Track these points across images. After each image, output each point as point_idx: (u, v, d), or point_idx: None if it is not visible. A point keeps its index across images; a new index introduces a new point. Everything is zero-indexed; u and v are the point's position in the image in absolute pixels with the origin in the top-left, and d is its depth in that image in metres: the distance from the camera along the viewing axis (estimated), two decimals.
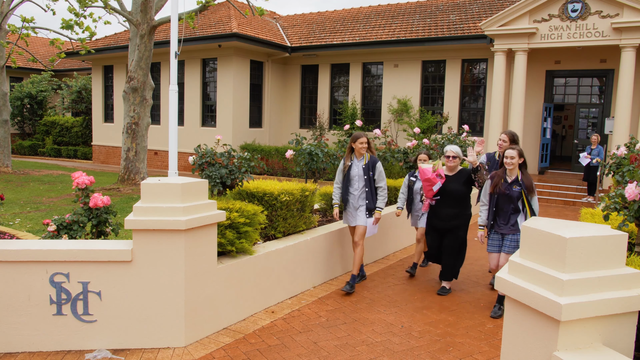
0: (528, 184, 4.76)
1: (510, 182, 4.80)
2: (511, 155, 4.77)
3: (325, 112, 18.15)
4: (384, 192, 5.48)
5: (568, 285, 2.29)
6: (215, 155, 5.54)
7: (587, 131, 16.86)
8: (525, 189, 4.75)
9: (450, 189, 5.39)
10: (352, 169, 5.47)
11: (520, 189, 4.76)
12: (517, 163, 4.74)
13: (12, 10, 15.03)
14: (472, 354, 4.04)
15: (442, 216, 5.44)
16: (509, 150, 4.79)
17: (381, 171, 5.51)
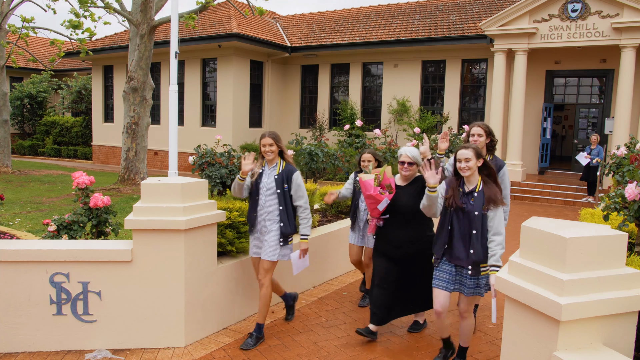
0: (489, 194, 3.45)
1: (467, 192, 3.52)
2: (465, 157, 3.44)
3: (325, 112, 18.15)
4: (306, 214, 4.12)
5: (568, 285, 2.29)
6: (215, 155, 5.55)
7: (587, 131, 16.86)
8: (485, 202, 3.45)
9: (401, 204, 4.02)
10: (261, 179, 4.13)
11: (479, 204, 3.47)
12: (474, 167, 3.49)
13: (12, 10, 15.03)
14: (472, 354, 4.04)
15: (394, 241, 4.06)
16: (462, 151, 3.48)
17: (300, 185, 4.09)
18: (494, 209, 3.46)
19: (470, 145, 3.52)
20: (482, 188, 3.50)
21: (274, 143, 4.07)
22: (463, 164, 3.47)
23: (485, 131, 4.23)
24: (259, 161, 4.16)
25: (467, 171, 3.46)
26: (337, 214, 6.69)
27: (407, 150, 4.09)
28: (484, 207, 3.43)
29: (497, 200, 3.46)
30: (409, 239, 4.04)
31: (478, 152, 3.50)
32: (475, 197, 3.47)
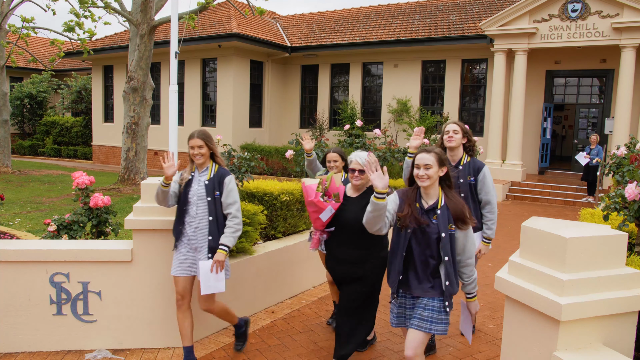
0: (455, 210, 2.80)
1: (427, 209, 2.84)
2: (425, 163, 2.78)
3: (325, 112, 18.15)
4: (234, 223, 3.50)
5: (568, 285, 2.29)
6: None
7: (587, 131, 16.86)
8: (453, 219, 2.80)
9: (349, 217, 3.44)
10: (190, 187, 3.56)
11: (444, 222, 2.79)
12: (435, 176, 2.80)
13: (12, 10, 15.03)
14: (472, 354, 4.04)
15: (341, 259, 3.51)
16: (421, 155, 2.82)
17: (232, 190, 3.54)
18: (464, 229, 2.79)
19: (433, 149, 2.86)
20: (445, 202, 2.82)
21: (204, 144, 3.52)
22: (422, 171, 2.77)
23: (462, 129, 3.87)
24: (189, 166, 3.62)
25: (425, 180, 2.77)
26: None
27: (357, 156, 3.46)
28: (450, 226, 2.77)
29: (466, 218, 2.76)
30: (355, 259, 3.43)
31: (441, 158, 2.82)
32: (439, 214, 2.79)
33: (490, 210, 3.88)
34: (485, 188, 3.84)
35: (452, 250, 2.78)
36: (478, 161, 3.89)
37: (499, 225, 9.63)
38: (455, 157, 3.90)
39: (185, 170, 3.62)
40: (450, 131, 3.86)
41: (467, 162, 3.88)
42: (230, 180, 3.57)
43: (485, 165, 3.88)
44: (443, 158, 2.84)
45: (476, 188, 3.85)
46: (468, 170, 3.86)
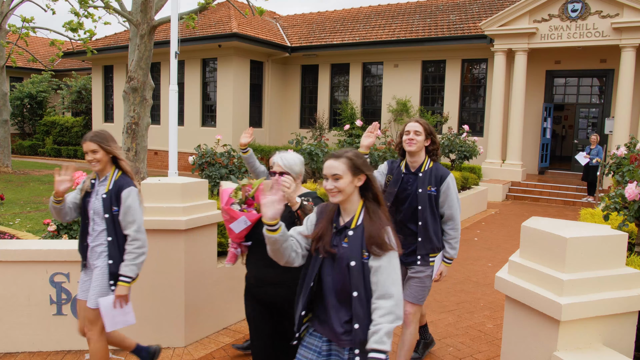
0: (371, 231, 2.14)
1: (340, 228, 2.21)
2: (333, 173, 2.16)
3: (325, 112, 18.15)
4: (134, 247, 2.95)
5: (568, 285, 2.29)
6: (215, 155, 5.55)
7: (587, 131, 16.86)
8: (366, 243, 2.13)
9: None
10: (90, 199, 3.05)
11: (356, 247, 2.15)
12: (349, 188, 2.17)
13: (12, 10, 15.03)
14: (472, 354, 4.04)
15: (256, 278, 2.96)
16: (328, 162, 2.20)
17: (130, 207, 2.95)
18: (380, 257, 2.09)
19: (344, 152, 2.21)
20: (363, 221, 2.18)
21: (99, 148, 2.95)
22: (330, 183, 2.18)
23: (425, 129, 3.29)
24: (91, 173, 3.10)
25: (336, 195, 2.17)
26: None
27: (281, 157, 2.84)
28: (363, 252, 2.12)
29: (383, 242, 2.09)
30: (273, 280, 2.83)
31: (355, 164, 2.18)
32: (351, 236, 2.16)
33: (453, 227, 3.32)
34: (448, 201, 3.26)
35: (366, 283, 2.11)
36: (442, 168, 3.34)
37: (499, 225, 9.63)
38: (416, 162, 3.32)
39: (87, 178, 3.10)
40: (411, 132, 3.26)
41: (429, 169, 3.30)
42: (128, 194, 2.93)
43: (450, 174, 3.30)
44: (358, 163, 2.18)
45: (437, 200, 3.27)
46: (429, 179, 3.27)
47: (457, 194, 3.33)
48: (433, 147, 3.36)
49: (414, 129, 3.28)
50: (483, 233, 8.88)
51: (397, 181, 3.36)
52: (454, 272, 6.34)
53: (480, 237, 8.57)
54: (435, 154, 3.38)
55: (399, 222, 3.33)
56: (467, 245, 7.92)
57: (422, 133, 3.27)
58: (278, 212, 2.08)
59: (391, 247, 2.12)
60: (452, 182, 3.29)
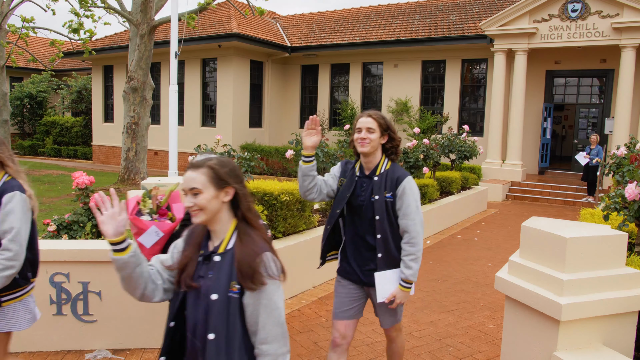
0: (241, 260, 1.73)
1: (206, 255, 1.83)
2: (191, 187, 1.76)
3: (325, 112, 18.15)
4: (4, 257, 2.50)
5: (568, 285, 2.29)
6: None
7: (587, 131, 16.86)
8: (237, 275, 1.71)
9: None
10: None
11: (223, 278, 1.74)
12: (212, 204, 1.77)
13: (12, 10, 15.04)
14: (472, 354, 4.04)
15: None
16: (187, 173, 1.81)
17: (10, 211, 2.56)
18: (254, 291, 1.68)
19: (205, 160, 1.79)
20: (234, 246, 1.76)
21: None
22: (189, 199, 1.77)
23: (380, 124, 2.76)
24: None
25: (198, 214, 1.75)
26: None
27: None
28: (232, 285, 1.69)
29: (256, 273, 1.67)
30: None
31: (218, 174, 1.76)
32: (217, 263, 1.75)
33: (410, 241, 2.69)
34: (403, 208, 2.70)
35: (230, 324, 1.68)
36: (399, 169, 2.80)
37: (499, 225, 9.62)
38: (371, 164, 2.80)
39: None
40: (363, 129, 2.74)
41: (386, 171, 2.77)
42: (10, 199, 2.56)
43: (408, 176, 2.76)
44: (222, 174, 1.75)
45: (394, 208, 2.74)
46: (385, 183, 2.74)
47: (416, 201, 2.73)
48: (391, 145, 2.81)
49: (365, 125, 2.74)
50: (483, 233, 8.89)
51: (350, 186, 2.81)
52: (454, 272, 6.34)
53: (480, 237, 8.57)
54: (395, 152, 2.84)
55: (354, 235, 2.82)
56: (467, 245, 7.92)
57: (375, 130, 2.73)
58: (121, 226, 1.71)
59: (269, 278, 1.69)
60: (409, 185, 2.73)
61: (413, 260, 2.69)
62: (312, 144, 2.76)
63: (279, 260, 1.77)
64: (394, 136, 2.82)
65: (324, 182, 2.86)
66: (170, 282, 1.86)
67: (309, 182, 2.77)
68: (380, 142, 2.78)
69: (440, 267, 6.56)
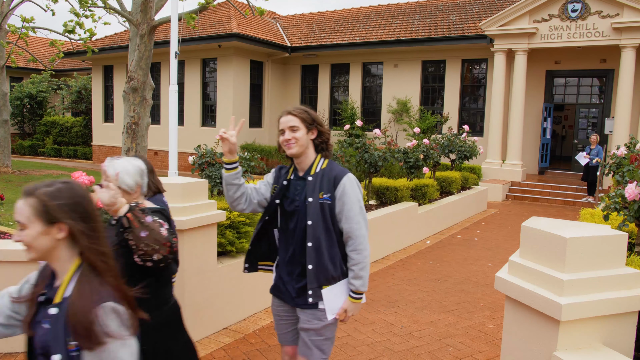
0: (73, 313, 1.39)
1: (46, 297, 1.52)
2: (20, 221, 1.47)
3: (325, 112, 18.15)
4: None
5: (568, 285, 2.29)
6: (215, 155, 5.54)
7: (587, 131, 16.87)
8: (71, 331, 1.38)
9: None
10: None
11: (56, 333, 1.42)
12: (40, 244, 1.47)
13: (12, 10, 15.03)
14: (472, 354, 4.04)
15: None
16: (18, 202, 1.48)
17: None
18: (92, 351, 1.39)
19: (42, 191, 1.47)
20: (72, 292, 1.45)
21: None
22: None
23: (304, 120, 2.47)
24: None
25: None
26: None
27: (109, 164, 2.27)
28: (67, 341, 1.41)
29: (90, 331, 1.38)
30: None
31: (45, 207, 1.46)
32: (53, 315, 1.46)
33: (357, 248, 2.41)
34: (345, 211, 2.40)
35: None
36: (337, 167, 2.52)
37: (499, 225, 9.62)
38: (304, 164, 2.51)
39: None
40: (286, 129, 2.45)
41: (321, 170, 2.48)
42: None
43: (347, 174, 2.46)
44: (50, 207, 1.44)
45: (334, 210, 2.42)
46: (320, 183, 2.44)
47: (359, 201, 2.43)
48: (321, 140, 2.51)
49: (288, 124, 2.45)
50: (483, 233, 8.89)
51: (281, 191, 2.53)
52: (454, 272, 6.34)
53: (480, 237, 8.57)
54: (326, 147, 2.54)
55: (287, 247, 2.51)
56: (467, 245, 7.93)
57: (300, 127, 2.44)
58: None
59: (109, 337, 1.38)
60: (350, 184, 2.43)
61: (362, 270, 2.42)
62: (228, 149, 2.40)
63: (128, 310, 1.44)
64: (323, 129, 2.53)
65: (254, 191, 2.55)
66: (13, 318, 1.60)
67: (234, 192, 2.46)
68: (310, 138, 2.49)
69: (440, 267, 6.57)
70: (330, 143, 2.58)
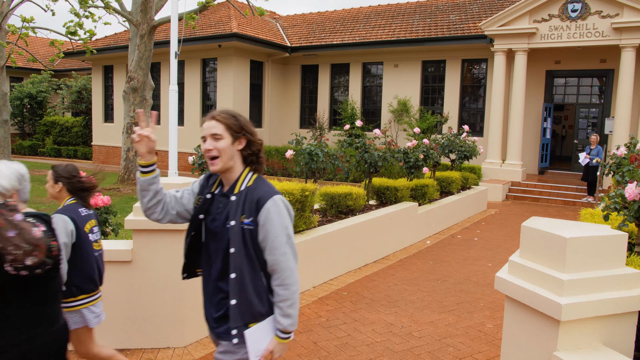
0: None
1: None
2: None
3: (325, 112, 18.15)
4: None
5: (568, 285, 2.29)
6: None
7: (587, 131, 16.86)
8: None
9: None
10: None
11: None
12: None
13: (12, 10, 15.03)
14: (472, 354, 4.04)
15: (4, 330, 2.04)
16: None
17: None
18: None
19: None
20: None
21: None
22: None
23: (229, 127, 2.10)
24: None
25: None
26: (337, 214, 6.69)
27: None
28: None
29: None
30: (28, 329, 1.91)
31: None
32: None
33: (283, 282, 2.06)
34: (270, 240, 2.04)
35: None
36: (264, 186, 2.12)
37: (499, 225, 9.62)
38: (230, 178, 2.14)
39: None
40: (207, 137, 2.08)
41: (246, 188, 2.10)
42: None
43: (274, 196, 2.07)
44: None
45: (255, 239, 2.06)
46: (243, 205, 2.07)
47: (286, 229, 2.06)
48: (250, 151, 2.15)
49: (210, 131, 2.07)
50: (483, 233, 8.89)
51: (203, 205, 2.18)
52: (454, 272, 6.34)
53: (480, 237, 8.57)
54: (256, 160, 2.17)
55: (209, 272, 2.19)
56: (467, 245, 7.93)
57: (223, 136, 2.07)
58: None
59: None
60: (275, 208, 2.04)
61: (291, 307, 2.06)
62: (146, 149, 2.10)
63: None
64: (253, 139, 2.17)
65: (175, 200, 2.23)
66: None
67: (149, 199, 2.18)
68: (237, 149, 2.11)
69: (440, 267, 6.57)
70: (262, 155, 2.21)
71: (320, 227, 5.94)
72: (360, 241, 6.40)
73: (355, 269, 6.35)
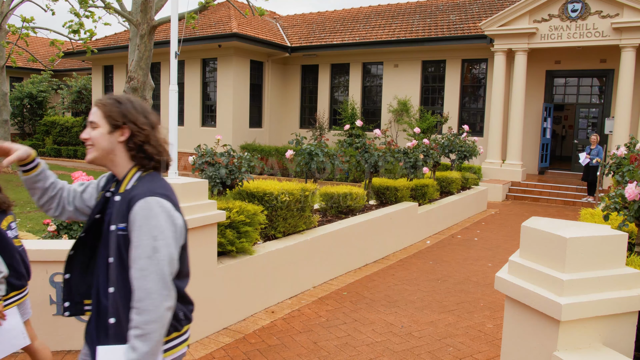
0: None
1: None
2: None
3: (325, 112, 18.15)
4: None
5: (568, 285, 2.29)
6: (215, 155, 5.54)
7: (587, 131, 16.87)
8: None
9: None
10: None
11: None
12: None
13: (12, 10, 15.03)
14: (472, 354, 4.04)
15: None
16: None
17: None
18: None
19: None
20: None
21: None
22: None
23: (108, 115, 1.81)
24: None
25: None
26: (337, 214, 6.69)
27: None
28: None
29: None
30: None
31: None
32: None
33: (137, 305, 1.66)
34: (132, 248, 1.71)
35: None
36: (146, 184, 1.82)
37: (499, 225, 9.62)
38: (118, 174, 1.89)
39: None
40: (88, 124, 1.86)
41: (132, 187, 1.81)
42: None
43: (150, 196, 1.75)
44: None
45: (129, 247, 1.74)
46: (121, 207, 1.78)
47: (154, 239, 1.69)
48: (133, 144, 1.82)
49: (89, 118, 1.84)
50: (483, 233, 8.89)
51: (99, 204, 1.91)
52: (454, 272, 6.34)
53: (480, 237, 8.57)
54: (145, 155, 1.85)
55: (96, 282, 1.85)
56: (467, 245, 7.93)
57: (99, 124, 1.81)
58: None
59: None
60: (145, 212, 1.70)
61: (139, 338, 1.63)
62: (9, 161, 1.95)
63: None
64: (136, 129, 1.81)
65: (74, 195, 1.99)
66: None
67: (38, 197, 1.96)
68: (117, 140, 1.81)
69: (440, 267, 6.57)
70: (152, 151, 1.86)
71: (320, 227, 5.94)
72: (360, 241, 6.40)
73: (355, 269, 6.35)
